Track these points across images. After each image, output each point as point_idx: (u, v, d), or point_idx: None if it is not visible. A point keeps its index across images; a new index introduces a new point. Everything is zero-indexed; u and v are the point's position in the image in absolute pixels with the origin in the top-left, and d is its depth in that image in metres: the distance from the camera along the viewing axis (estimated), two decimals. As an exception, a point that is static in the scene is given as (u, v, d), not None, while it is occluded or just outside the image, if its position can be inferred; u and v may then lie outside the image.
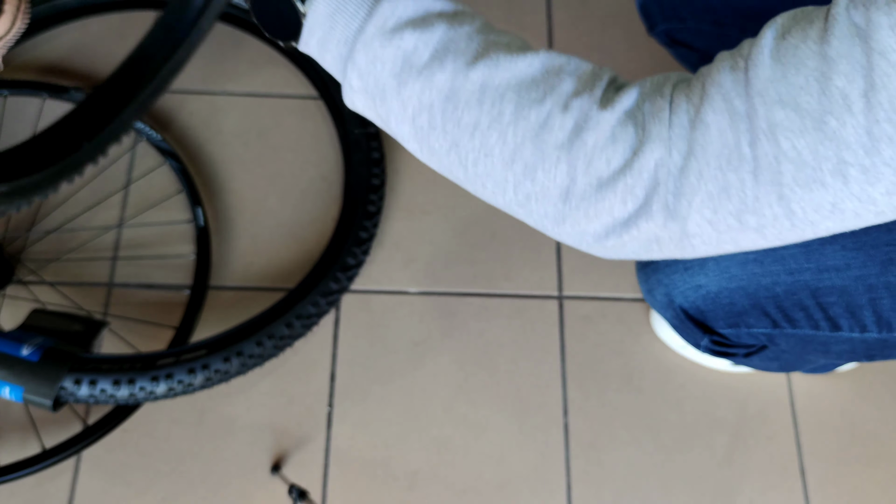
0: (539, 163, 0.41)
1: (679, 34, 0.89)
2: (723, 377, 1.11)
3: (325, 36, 0.43)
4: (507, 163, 0.42)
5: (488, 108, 0.41)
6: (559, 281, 1.16)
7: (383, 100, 0.43)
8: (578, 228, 0.44)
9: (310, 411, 1.07)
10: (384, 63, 0.42)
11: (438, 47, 0.42)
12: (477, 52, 0.42)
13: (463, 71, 0.41)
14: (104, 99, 0.77)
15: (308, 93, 1.26)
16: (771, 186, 0.38)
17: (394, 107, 0.43)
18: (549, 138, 0.40)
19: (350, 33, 0.42)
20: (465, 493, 1.04)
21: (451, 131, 0.43)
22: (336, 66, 0.44)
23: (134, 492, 1.02)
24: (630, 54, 1.32)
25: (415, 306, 1.14)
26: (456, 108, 0.42)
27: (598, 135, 0.40)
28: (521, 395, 1.09)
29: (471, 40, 0.42)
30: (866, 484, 1.06)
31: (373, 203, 1.14)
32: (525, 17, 1.33)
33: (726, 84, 0.39)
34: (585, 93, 0.41)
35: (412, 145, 0.46)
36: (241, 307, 1.13)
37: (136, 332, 1.10)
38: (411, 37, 0.42)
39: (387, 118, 0.45)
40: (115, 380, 0.94)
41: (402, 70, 0.42)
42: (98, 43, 1.28)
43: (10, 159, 0.73)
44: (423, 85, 0.42)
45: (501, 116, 0.41)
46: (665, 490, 1.05)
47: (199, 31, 0.76)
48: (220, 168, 1.21)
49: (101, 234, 1.15)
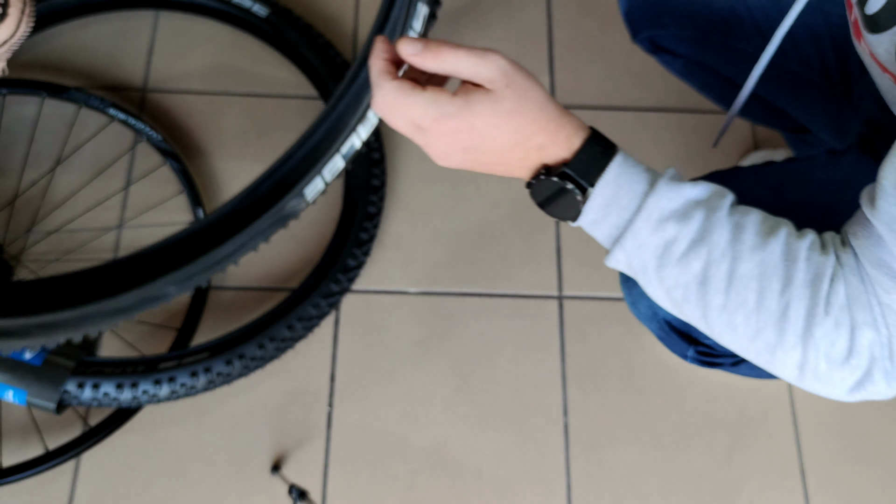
0: (778, 345, 0.49)
1: (662, 41, 0.89)
2: (723, 377, 1.11)
3: (597, 220, 0.52)
4: (750, 338, 0.50)
5: (734, 294, 0.49)
6: (559, 281, 1.16)
7: (644, 273, 0.52)
8: (815, 390, 0.52)
9: (310, 411, 1.07)
10: (647, 248, 0.50)
11: (695, 237, 0.49)
12: (727, 241, 0.49)
13: (715, 262, 0.49)
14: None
15: (308, 93, 1.26)
16: None
17: (652, 279, 0.52)
18: (788, 328, 0.48)
19: (622, 221, 0.51)
20: (465, 493, 1.04)
21: (701, 307, 0.50)
22: (604, 240, 0.53)
23: (134, 492, 1.02)
24: (630, 54, 1.31)
25: (415, 306, 1.14)
26: (707, 292, 0.49)
27: (824, 329, 0.48)
28: (521, 395, 1.09)
29: (722, 228, 0.49)
30: (866, 484, 1.06)
31: (373, 204, 1.14)
32: (525, 17, 1.33)
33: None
34: (815, 284, 0.48)
35: (666, 304, 0.53)
36: (242, 307, 1.13)
37: (138, 333, 1.10)
38: (673, 228, 0.49)
39: (644, 283, 0.53)
40: (118, 383, 0.95)
41: (663, 255, 0.50)
42: (97, 42, 1.28)
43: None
44: (680, 270, 0.50)
45: (746, 303, 0.49)
46: (665, 490, 1.05)
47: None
48: (220, 168, 1.21)
49: (101, 235, 1.15)
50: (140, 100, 1.24)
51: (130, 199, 1.19)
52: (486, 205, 1.21)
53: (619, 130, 1.21)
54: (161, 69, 1.27)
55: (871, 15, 0.56)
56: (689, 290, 0.50)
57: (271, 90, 1.27)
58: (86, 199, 1.17)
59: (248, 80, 1.27)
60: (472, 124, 0.49)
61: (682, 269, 0.50)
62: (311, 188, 0.92)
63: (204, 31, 1.30)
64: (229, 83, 1.27)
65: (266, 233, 0.92)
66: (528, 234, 1.19)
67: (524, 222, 1.20)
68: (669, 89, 1.29)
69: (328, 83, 1.21)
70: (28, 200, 1.16)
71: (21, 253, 1.12)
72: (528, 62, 1.31)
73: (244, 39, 1.29)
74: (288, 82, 1.27)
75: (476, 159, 0.51)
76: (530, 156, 0.51)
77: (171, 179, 1.19)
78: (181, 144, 1.22)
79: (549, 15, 1.34)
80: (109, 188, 1.19)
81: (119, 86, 1.25)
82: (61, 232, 1.14)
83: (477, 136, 0.50)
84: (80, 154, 1.20)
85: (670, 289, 0.51)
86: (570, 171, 0.51)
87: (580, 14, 1.35)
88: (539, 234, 1.19)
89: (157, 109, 1.24)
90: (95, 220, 1.16)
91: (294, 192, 0.91)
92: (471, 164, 0.52)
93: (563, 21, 1.34)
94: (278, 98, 1.26)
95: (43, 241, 1.14)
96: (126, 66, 1.27)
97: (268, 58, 1.28)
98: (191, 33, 1.29)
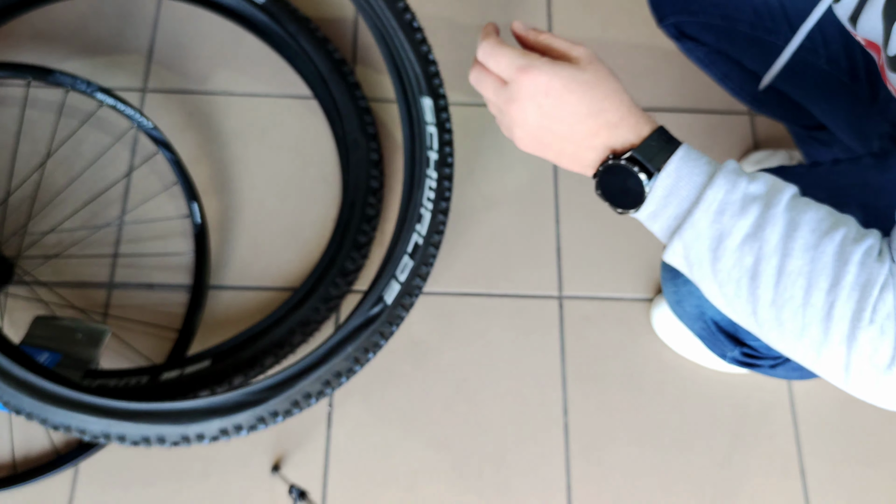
0: (823, 344, 0.49)
1: (688, 28, 0.89)
2: (723, 377, 1.11)
3: (657, 211, 0.53)
4: (797, 336, 0.50)
5: (782, 289, 0.49)
6: (559, 281, 1.16)
7: (699, 267, 0.52)
8: (864, 396, 0.51)
9: (310, 411, 1.07)
10: (704, 240, 0.51)
11: (749, 232, 0.49)
12: (780, 237, 0.49)
13: (766, 258, 0.49)
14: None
15: (308, 93, 1.26)
16: None
17: (706, 273, 0.52)
18: (832, 327, 0.48)
19: (681, 212, 0.52)
20: (465, 493, 1.04)
21: (752, 303, 0.51)
22: (662, 233, 0.54)
23: (134, 492, 1.02)
24: (630, 54, 1.32)
25: (415, 306, 1.14)
26: (757, 287, 0.50)
27: (869, 335, 0.47)
28: (521, 395, 1.09)
29: (776, 224, 0.49)
30: (866, 484, 1.06)
31: (371, 206, 1.14)
32: (525, 18, 1.33)
33: None
34: (865, 290, 0.48)
35: (718, 301, 0.53)
36: (242, 307, 1.13)
37: (136, 332, 1.10)
38: (730, 220, 0.50)
39: (699, 278, 0.53)
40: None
41: (717, 248, 0.50)
42: (98, 42, 1.28)
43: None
44: (734, 263, 0.50)
45: (793, 299, 0.49)
46: (665, 490, 1.05)
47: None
48: (219, 168, 1.21)
49: (95, 232, 1.15)
50: (140, 99, 1.24)
51: (123, 190, 1.18)
52: (486, 205, 1.21)
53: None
54: (161, 69, 1.27)
55: (892, 56, 0.59)
56: (740, 285, 0.50)
57: (271, 90, 1.27)
58: (79, 193, 1.17)
59: (248, 80, 1.27)
60: (552, 82, 0.53)
61: (735, 262, 0.50)
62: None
63: (204, 31, 1.30)
64: (229, 83, 1.27)
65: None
66: (528, 234, 1.19)
67: (524, 222, 1.20)
68: (669, 90, 1.29)
69: (328, 83, 1.21)
70: (21, 195, 1.16)
71: (18, 252, 1.12)
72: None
73: (244, 39, 1.29)
74: (288, 82, 1.27)
75: (549, 127, 0.54)
76: (600, 133, 0.54)
77: (165, 170, 1.18)
78: (181, 144, 1.22)
79: (549, 15, 1.34)
80: (102, 182, 1.18)
81: (119, 86, 1.25)
82: (58, 231, 1.14)
83: (554, 97, 0.53)
84: (69, 145, 1.19)
85: (723, 283, 0.51)
86: (639, 155, 0.52)
87: (580, 14, 1.35)
88: (539, 234, 1.19)
89: (158, 109, 1.24)
90: (89, 215, 1.16)
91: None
92: (543, 133, 0.55)
93: (563, 21, 1.34)
94: (278, 98, 1.26)
95: (40, 240, 1.13)
96: (126, 65, 1.27)
97: (268, 58, 1.28)
98: (191, 33, 1.29)
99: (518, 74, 0.54)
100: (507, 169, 1.23)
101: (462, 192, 1.21)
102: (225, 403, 0.87)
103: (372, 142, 1.17)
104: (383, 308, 0.90)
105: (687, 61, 0.98)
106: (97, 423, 0.85)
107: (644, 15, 1.34)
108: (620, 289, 1.16)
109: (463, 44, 1.30)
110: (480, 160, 1.23)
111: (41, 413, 0.85)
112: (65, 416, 0.85)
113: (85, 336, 0.96)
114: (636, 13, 1.34)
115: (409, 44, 0.95)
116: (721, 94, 1.05)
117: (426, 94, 0.96)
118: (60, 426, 0.85)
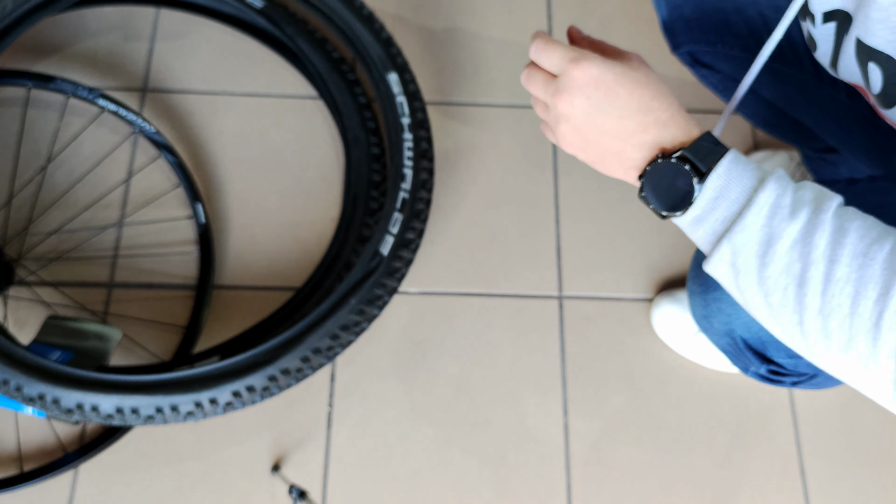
0: (871, 357, 0.46)
1: (704, 56, 0.87)
2: (723, 377, 1.11)
3: (704, 215, 0.51)
4: (843, 348, 0.48)
5: (829, 297, 0.47)
6: (559, 281, 1.16)
7: (746, 274, 0.50)
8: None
9: (310, 411, 1.07)
10: (753, 244, 0.49)
11: (798, 238, 0.48)
12: (828, 242, 0.48)
13: (814, 264, 0.47)
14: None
15: (308, 93, 1.26)
16: None
17: (752, 280, 0.50)
18: (881, 338, 0.46)
19: (730, 214, 0.50)
20: (465, 493, 1.04)
21: (798, 311, 0.49)
22: (707, 238, 0.52)
23: (134, 492, 1.02)
24: (630, 54, 1.31)
25: (415, 306, 1.14)
26: (805, 295, 0.48)
27: None
28: (521, 394, 1.09)
29: (825, 230, 0.48)
30: (866, 484, 1.06)
31: (374, 199, 1.14)
32: (525, 18, 1.33)
33: None
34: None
35: (760, 312, 0.52)
36: (243, 307, 1.13)
37: (141, 330, 1.10)
38: (780, 224, 0.48)
39: (744, 287, 0.51)
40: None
41: (767, 252, 0.49)
42: (97, 42, 1.28)
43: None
44: (782, 269, 0.48)
45: (840, 307, 0.47)
46: (665, 490, 1.05)
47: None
48: (220, 168, 1.21)
49: (97, 234, 1.15)
50: (140, 100, 1.24)
51: (127, 194, 1.18)
52: (486, 205, 1.21)
53: (619, 130, 1.21)
54: (161, 69, 1.27)
55: (878, 94, 0.58)
56: (787, 292, 0.49)
57: (271, 90, 1.27)
58: (82, 196, 1.17)
59: (248, 80, 1.27)
60: (603, 75, 0.52)
61: (783, 270, 0.49)
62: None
63: (204, 31, 1.30)
64: (229, 83, 1.27)
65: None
66: (528, 234, 1.19)
67: (524, 222, 1.20)
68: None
69: (328, 83, 1.21)
70: (23, 199, 1.16)
71: (20, 254, 1.12)
72: (528, 61, 1.31)
73: (244, 39, 1.29)
74: (288, 82, 1.27)
75: (596, 121, 0.53)
76: (649, 130, 0.53)
77: (167, 173, 1.19)
78: (181, 144, 1.22)
79: (549, 15, 1.34)
80: (104, 184, 1.18)
81: (119, 86, 1.25)
82: (61, 232, 1.14)
83: (604, 89, 0.52)
84: (72, 149, 1.20)
85: (769, 291, 0.50)
86: (690, 154, 0.51)
87: (580, 14, 1.35)
88: (539, 234, 1.19)
89: (158, 109, 1.24)
90: (92, 217, 1.16)
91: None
92: (589, 128, 0.54)
93: (563, 21, 1.34)
94: (278, 98, 1.26)
95: (43, 241, 1.14)
96: (126, 65, 1.27)
97: (268, 58, 1.28)
98: (191, 33, 1.30)
99: (569, 65, 0.53)
100: (507, 169, 1.23)
101: (462, 192, 1.21)
102: (235, 366, 0.91)
103: (372, 136, 1.17)
104: (381, 260, 0.97)
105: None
106: (109, 399, 0.87)
107: (644, 15, 1.34)
108: (620, 289, 1.16)
109: (463, 44, 1.30)
110: (480, 160, 1.24)
111: (54, 394, 0.86)
112: (77, 395, 0.87)
113: (96, 337, 0.96)
114: (636, 14, 1.34)
115: (369, 33, 1.11)
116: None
117: (391, 70, 1.09)
118: (73, 406, 0.87)
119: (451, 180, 1.22)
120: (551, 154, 1.25)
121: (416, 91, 1.10)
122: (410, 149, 1.05)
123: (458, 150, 1.24)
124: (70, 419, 0.90)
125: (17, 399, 0.87)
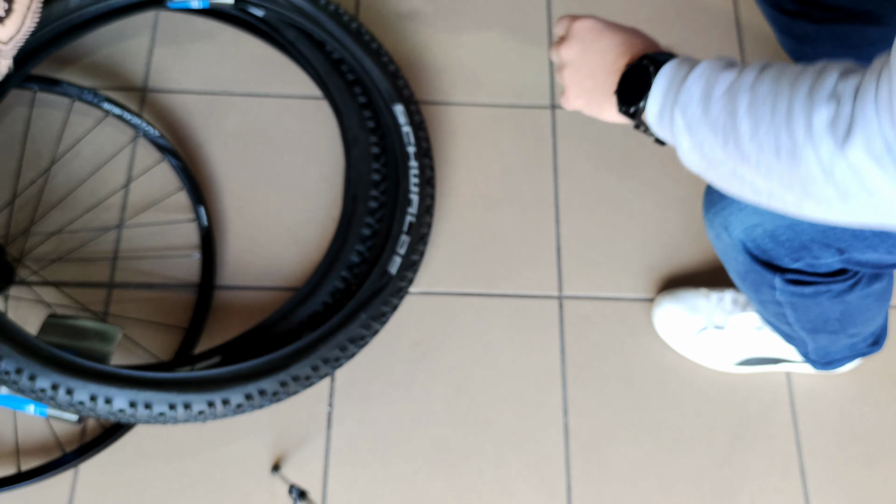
0: (794, 149, 0.49)
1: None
2: (723, 377, 1.11)
3: (663, 102, 0.59)
4: (775, 153, 0.50)
5: (754, 112, 0.52)
6: (559, 281, 1.16)
7: (697, 130, 0.56)
8: (860, 198, 0.49)
9: (310, 411, 1.07)
10: (695, 99, 0.56)
11: (732, 80, 0.54)
12: (754, 76, 0.53)
13: (741, 91, 0.53)
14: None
15: (308, 93, 1.26)
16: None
17: (704, 134, 0.56)
18: (794, 123, 0.48)
19: (676, 87, 0.58)
20: (466, 493, 1.04)
21: (739, 146, 0.53)
22: (667, 121, 0.59)
23: (134, 492, 1.02)
24: (630, 54, 1.31)
25: (415, 306, 1.14)
26: (737, 123, 0.53)
27: (821, 111, 0.47)
28: (521, 395, 1.10)
29: (752, 69, 0.54)
30: (866, 484, 1.06)
31: (374, 199, 1.15)
32: (525, 17, 1.33)
33: None
34: (814, 90, 0.49)
35: (722, 168, 0.56)
36: (243, 307, 1.13)
37: (141, 330, 1.11)
38: (714, 74, 0.56)
39: (702, 143, 0.56)
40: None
41: (708, 100, 0.55)
42: (97, 43, 1.28)
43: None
44: (720, 109, 0.54)
45: (764, 117, 0.51)
46: (665, 490, 1.05)
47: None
48: (220, 168, 1.21)
49: (100, 235, 1.15)
50: (140, 100, 1.24)
51: (129, 197, 1.18)
52: (486, 205, 1.21)
53: (619, 129, 1.21)
54: (161, 69, 1.27)
55: None
56: (727, 130, 0.53)
57: (271, 90, 1.27)
58: (85, 198, 1.17)
59: (248, 80, 1.27)
60: (596, 23, 0.68)
61: (721, 110, 0.54)
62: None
63: (204, 31, 1.30)
64: (229, 83, 1.27)
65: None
66: (528, 234, 1.19)
67: (524, 222, 1.20)
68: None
69: (327, 83, 1.21)
70: (26, 200, 1.16)
71: (22, 254, 1.12)
72: (528, 61, 1.31)
73: (244, 39, 1.29)
74: (288, 82, 1.27)
75: (590, 59, 0.67)
76: (626, 56, 0.65)
77: (170, 176, 1.19)
78: (181, 144, 1.22)
79: (549, 15, 1.34)
80: (107, 186, 1.18)
81: (119, 86, 1.25)
82: (63, 232, 1.14)
83: (595, 32, 0.68)
84: (76, 151, 1.20)
85: (716, 134, 0.54)
86: (658, 56, 0.62)
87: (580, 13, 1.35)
88: (539, 234, 1.19)
89: (158, 109, 1.24)
90: (94, 219, 1.16)
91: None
92: (584, 64, 0.67)
93: (563, 21, 1.34)
94: (278, 98, 1.26)
95: (45, 241, 1.14)
96: (126, 66, 1.27)
97: (268, 58, 1.28)
98: (191, 33, 1.30)
99: (572, 23, 0.69)
100: (507, 169, 1.23)
101: (462, 192, 1.21)
102: (249, 370, 0.94)
103: (372, 136, 1.17)
104: (389, 279, 1.04)
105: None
106: (123, 393, 0.89)
107: (644, 15, 1.34)
108: (620, 289, 1.16)
109: (463, 44, 1.30)
110: (480, 160, 1.24)
111: (68, 385, 0.87)
112: (92, 387, 0.88)
113: (96, 335, 0.97)
114: (636, 14, 1.34)
115: (377, 67, 1.16)
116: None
117: (398, 102, 1.15)
118: (87, 398, 0.88)
119: (452, 180, 1.22)
120: (551, 154, 1.25)
121: (421, 122, 1.16)
122: (416, 175, 1.11)
123: (458, 150, 1.24)
124: (75, 415, 0.90)
125: (29, 389, 0.87)
